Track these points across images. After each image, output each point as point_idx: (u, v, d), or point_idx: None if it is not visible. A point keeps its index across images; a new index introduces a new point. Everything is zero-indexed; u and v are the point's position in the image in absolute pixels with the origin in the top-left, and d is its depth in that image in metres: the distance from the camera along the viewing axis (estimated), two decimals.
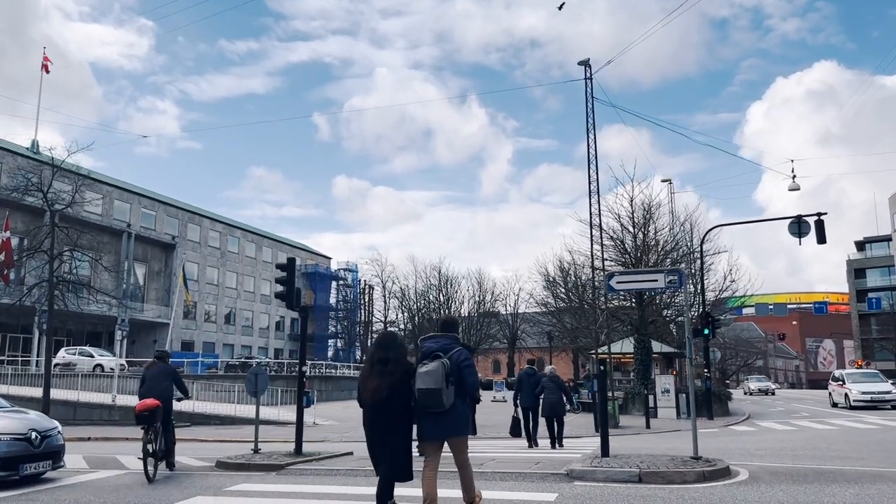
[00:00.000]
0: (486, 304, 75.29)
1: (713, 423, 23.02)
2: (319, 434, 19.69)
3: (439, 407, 6.23)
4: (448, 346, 6.51)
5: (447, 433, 6.45)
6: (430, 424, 6.35)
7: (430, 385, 6.19)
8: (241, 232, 71.93)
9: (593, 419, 20.52)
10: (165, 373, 11.33)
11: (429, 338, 6.79)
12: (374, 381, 6.32)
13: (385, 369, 6.33)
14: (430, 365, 6.26)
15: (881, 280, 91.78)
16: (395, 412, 6.27)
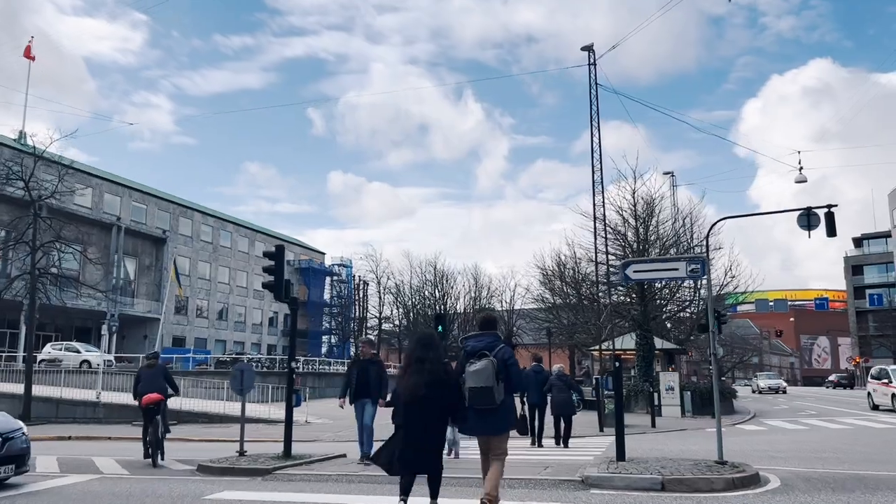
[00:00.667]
0: (481, 300, 74.47)
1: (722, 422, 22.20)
2: (311, 433, 18.81)
3: (491, 404, 6.37)
4: (493, 343, 6.63)
5: (496, 430, 6.58)
6: (479, 421, 6.49)
7: (482, 383, 6.32)
8: (233, 226, 70.89)
9: (597, 418, 19.71)
10: (159, 372, 12.92)
11: (472, 336, 6.94)
12: (411, 379, 6.44)
13: (423, 368, 6.43)
14: (479, 364, 6.38)
15: (879, 277, 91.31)
16: (432, 411, 6.37)
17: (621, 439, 9.57)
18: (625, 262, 9.82)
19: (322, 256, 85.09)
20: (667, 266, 9.20)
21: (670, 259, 9.43)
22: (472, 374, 6.37)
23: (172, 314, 60.67)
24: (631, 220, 28.87)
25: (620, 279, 9.67)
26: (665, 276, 9.89)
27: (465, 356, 6.62)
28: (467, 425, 6.64)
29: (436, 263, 73.40)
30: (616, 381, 9.86)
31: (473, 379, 6.36)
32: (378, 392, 10.87)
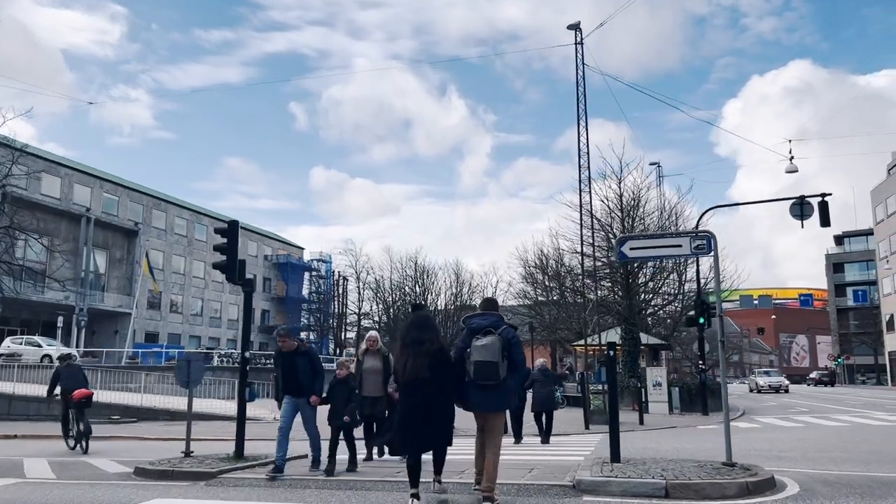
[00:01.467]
0: (462, 297, 73.31)
1: (709, 419, 21.23)
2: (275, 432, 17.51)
3: (495, 379, 6.45)
4: (497, 322, 6.72)
5: (497, 406, 6.70)
6: (481, 396, 6.56)
7: (488, 358, 6.41)
8: (209, 220, 69.07)
9: (583, 415, 18.65)
10: (77, 370, 14.67)
11: (476, 315, 6.99)
12: (411, 361, 6.42)
13: (421, 349, 6.44)
14: (486, 339, 6.47)
15: (860, 274, 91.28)
16: (437, 390, 6.38)
17: (616, 437, 8.45)
18: (621, 238, 8.69)
19: (301, 252, 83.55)
20: (668, 242, 8.08)
21: (672, 234, 8.32)
22: (479, 349, 6.45)
23: (145, 309, 59.02)
24: (617, 211, 27.85)
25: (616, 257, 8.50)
26: (666, 254, 8.77)
27: (469, 333, 6.69)
28: (468, 401, 6.66)
29: (416, 259, 72.22)
30: (610, 373, 8.74)
31: (480, 353, 6.44)
32: (311, 386, 9.11)
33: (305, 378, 8.90)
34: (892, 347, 65.84)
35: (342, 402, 9.26)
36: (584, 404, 18.45)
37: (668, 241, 8.24)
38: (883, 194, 66.18)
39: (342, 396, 9.31)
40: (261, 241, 76.56)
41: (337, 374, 9.65)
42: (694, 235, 8.10)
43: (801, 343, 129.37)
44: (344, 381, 9.49)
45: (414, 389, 6.43)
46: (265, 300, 76.10)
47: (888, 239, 64.73)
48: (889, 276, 64.31)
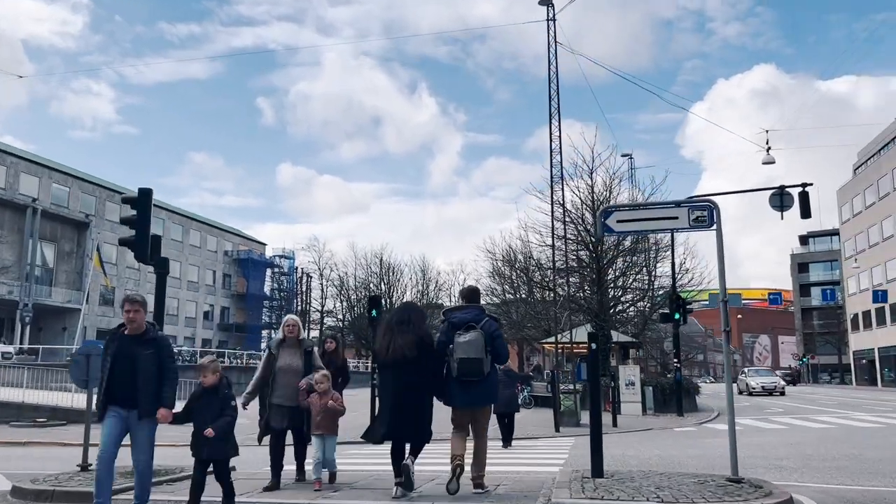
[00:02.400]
0: (429, 295, 71.87)
1: (685, 421, 20.07)
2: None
3: (479, 375, 6.33)
4: (479, 316, 6.56)
5: (483, 402, 6.59)
6: (465, 393, 6.41)
7: (473, 354, 6.25)
8: (166, 213, 66.54)
9: (552, 416, 17.26)
10: None
11: (457, 309, 6.81)
12: (397, 339, 6.24)
13: (407, 328, 6.30)
14: (470, 335, 6.28)
15: (824, 275, 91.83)
16: (417, 374, 6.23)
17: (598, 448, 7.01)
18: (606, 209, 7.30)
19: (263, 248, 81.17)
20: (662, 213, 6.70)
21: (667, 204, 6.92)
22: (463, 345, 6.27)
23: (97, 305, 56.57)
24: (588, 202, 26.60)
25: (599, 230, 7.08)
26: (659, 228, 7.38)
27: (450, 328, 6.49)
28: (452, 397, 6.50)
29: (382, 255, 70.62)
30: (592, 370, 7.33)
31: (464, 350, 6.26)
32: (157, 394, 5.94)
33: (147, 380, 5.81)
34: (857, 347, 65.90)
35: (210, 420, 6.14)
36: (554, 405, 17.07)
37: (661, 212, 6.86)
38: (849, 194, 66.22)
39: (209, 412, 6.19)
40: (221, 237, 74.19)
41: (202, 380, 6.37)
42: (692, 205, 6.74)
43: (764, 343, 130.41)
44: (213, 389, 6.29)
45: (397, 370, 6.25)
46: (225, 297, 73.79)
47: (854, 238, 64.76)
48: (855, 275, 64.30)
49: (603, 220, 6.86)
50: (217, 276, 72.74)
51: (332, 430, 7.51)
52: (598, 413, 7.20)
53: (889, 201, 56.88)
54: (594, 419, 7.05)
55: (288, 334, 7.62)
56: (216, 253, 72.72)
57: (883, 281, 58.14)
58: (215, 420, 6.16)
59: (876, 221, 59.80)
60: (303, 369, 7.43)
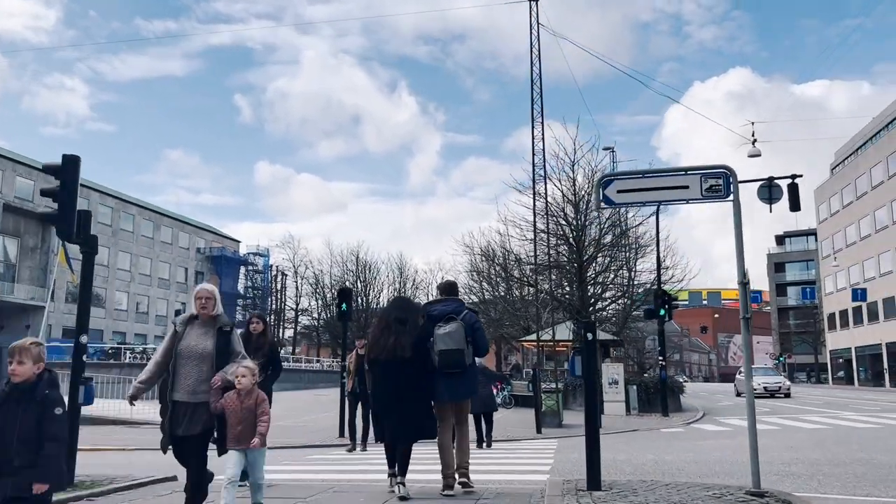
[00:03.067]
0: (406, 293, 70.74)
1: (671, 421, 19.23)
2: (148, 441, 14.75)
3: (461, 367, 6.34)
4: (459, 308, 6.56)
5: (466, 393, 6.63)
6: (448, 385, 6.38)
7: (453, 346, 6.23)
8: (136, 209, 64.87)
9: (534, 417, 16.32)
10: None
11: (437, 301, 6.81)
12: (392, 339, 6.14)
13: (404, 328, 6.18)
14: (450, 326, 6.26)
15: (800, 274, 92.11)
16: (417, 371, 6.15)
17: (595, 455, 6.06)
18: (605, 178, 6.37)
19: (236, 245, 79.51)
20: (670, 182, 5.76)
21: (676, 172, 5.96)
22: (444, 337, 6.24)
23: (64, 303, 54.84)
24: (570, 195, 25.72)
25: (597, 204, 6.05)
26: (666, 199, 6.33)
27: (430, 321, 6.42)
28: (438, 391, 6.41)
29: (358, 252, 69.35)
30: (587, 364, 6.38)
31: (444, 341, 6.23)
32: None
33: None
34: (834, 346, 65.90)
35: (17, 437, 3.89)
36: (535, 405, 16.12)
37: (669, 180, 5.91)
38: (826, 193, 66.19)
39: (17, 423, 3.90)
40: (193, 233, 72.53)
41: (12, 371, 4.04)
42: (705, 172, 5.80)
43: (738, 343, 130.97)
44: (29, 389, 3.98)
45: (392, 369, 6.13)
46: None
47: (831, 238, 64.73)
48: (832, 274, 64.28)
49: (601, 191, 5.92)
50: (189, 273, 71.07)
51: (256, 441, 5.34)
52: (595, 415, 6.28)
53: (867, 200, 56.83)
54: (590, 423, 6.12)
55: (200, 309, 5.61)
56: (188, 250, 71.07)
57: (860, 280, 58.09)
58: (26, 436, 3.86)
59: (853, 221, 59.77)
60: (213, 355, 5.40)
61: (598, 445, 6.22)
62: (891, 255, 52.98)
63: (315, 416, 20.32)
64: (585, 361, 6.47)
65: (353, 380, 12.11)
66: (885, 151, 53.27)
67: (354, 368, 12.06)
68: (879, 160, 54.59)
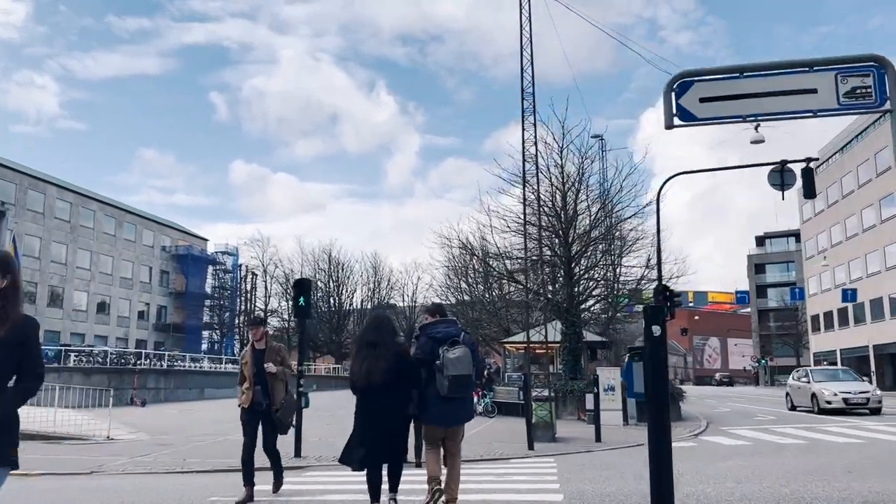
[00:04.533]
0: (381, 293, 68.45)
1: (676, 432, 16.98)
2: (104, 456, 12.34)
3: (468, 392, 6.38)
4: (460, 331, 6.49)
5: (467, 417, 6.53)
6: (448, 410, 6.24)
7: (463, 371, 6.10)
8: (97, 204, 61.68)
9: (525, 429, 14.04)
10: None
11: (440, 322, 6.58)
12: (366, 365, 6.08)
13: (376, 353, 6.10)
14: (459, 351, 6.15)
15: (780, 276, 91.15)
16: (393, 396, 6.03)
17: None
18: (682, 77, 4.09)
19: (204, 243, 76.38)
20: (788, 85, 3.58)
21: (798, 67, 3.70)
22: (454, 362, 6.06)
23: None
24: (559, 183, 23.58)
25: (669, 118, 3.83)
26: (781, 110, 3.96)
27: (433, 343, 6.28)
28: (436, 415, 6.29)
29: (330, 251, 66.85)
30: (654, 372, 4.13)
31: (455, 366, 6.05)
32: None
33: None
34: (818, 349, 64.55)
35: None
36: (527, 416, 13.83)
37: (786, 80, 3.70)
38: None
39: None
40: (159, 231, 69.44)
41: None
42: (845, 68, 3.59)
43: (714, 345, 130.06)
44: None
45: (369, 395, 6.05)
46: (162, 295, 69.04)
47: (815, 238, 63.45)
48: (816, 275, 62.98)
49: (674, 100, 3.71)
50: (154, 272, 68.03)
51: None
52: (666, 445, 3.99)
53: (853, 199, 55.52)
54: (659, 455, 3.80)
55: None
56: (153, 248, 68.00)
57: (846, 280, 56.72)
58: None
59: (839, 220, 58.47)
60: None
61: (670, 484, 3.93)
62: (878, 254, 51.65)
63: None
64: (652, 368, 4.20)
65: (250, 391, 7.75)
66: (874, 148, 51.84)
67: (250, 373, 7.78)
68: (867, 157, 53.23)
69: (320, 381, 57.15)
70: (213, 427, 17.54)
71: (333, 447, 13.64)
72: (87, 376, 24.19)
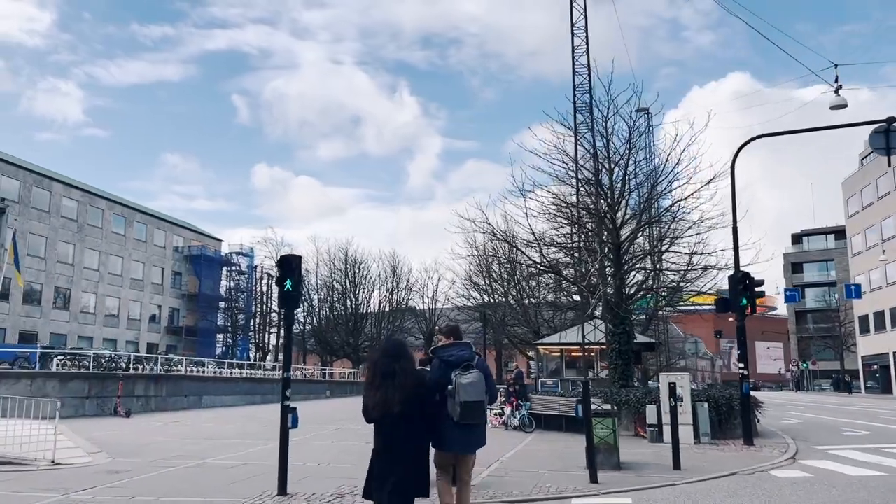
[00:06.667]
0: (399, 293, 65.27)
1: (765, 454, 13.62)
2: (26, 491, 9.29)
3: (482, 418, 6.17)
4: (473, 354, 6.36)
5: (480, 444, 6.34)
6: (465, 437, 6.11)
7: (476, 398, 5.96)
8: (106, 203, 59.13)
9: (579, 450, 10.73)
10: None
11: (452, 346, 6.42)
12: (381, 395, 5.68)
13: (393, 382, 5.69)
14: (472, 376, 6.02)
15: (819, 275, 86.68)
16: (411, 427, 5.68)
17: None
18: None
19: (218, 244, 73.70)
20: None
21: None
22: (468, 387, 5.90)
23: (20, 304, 49.15)
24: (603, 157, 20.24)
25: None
26: None
27: (445, 367, 6.11)
28: (448, 441, 6.07)
29: (347, 250, 63.78)
30: None
31: (468, 392, 5.89)
32: None
33: None
34: (867, 351, 60.28)
35: None
36: (588, 439, 10.50)
37: None
38: (857, 185, 60.80)
39: None
40: (171, 231, 66.84)
41: None
42: None
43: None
44: None
45: (385, 426, 5.65)
46: (174, 297, 66.44)
47: (863, 233, 59.30)
48: (865, 272, 58.84)
49: None
50: (166, 273, 65.43)
51: None
52: None
53: None
54: None
55: None
56: (164, 249, 65.42)
57: None
58: None
59: (890, 213, 54.37)
60: None
61: None
62: None
63: (251, 447, 14.66)
64: None
65: None
66: None
67: None
68: None
69: (334, 386, 54.07)
70: (194, 446, 14.41)
71: (335, 477, 10.46)
72: (64, 383, 21.21)
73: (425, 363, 6.93)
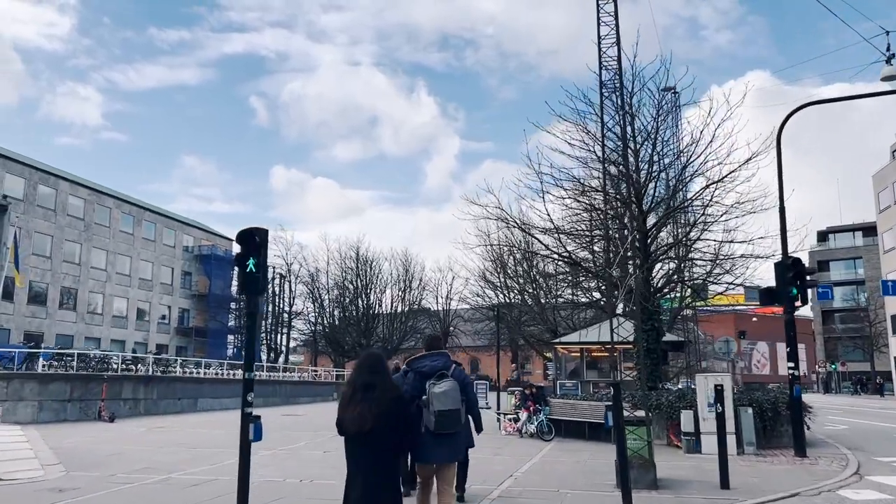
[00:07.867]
0: (412, 293, 63.57)
1: (821, 469, 11.73)
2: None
3: (457, 427, 6.02)
4: (448, 363, 6.28)
5: (458, 453, 6.33)
6: (440, 447, 5.97)
7: (450, 406, 5.92)
8: (113, 201, 57.92)
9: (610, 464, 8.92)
10: None
11: (426, 356, 6.36)
12: (356, 408, 5.41)
13: (370, 396, 5.43)
14: (445, 385, 5.98)
15: (846, 273, 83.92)
16: (384, 444, 5.38)
17: None
18: None
19: (229, 243, 72.29)
20: None
21: None
22: (440, 396, 5.87)
23: (25, 304, 47.99)
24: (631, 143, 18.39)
25: None
26: None
27: (419, 377, 6.09)
28: (425, 452, 5.96)
29: (358, 248, 62.15)
30: None
31: (441, 401, 5.87)
32: None
33: None
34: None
35: None
36: (620, 455, 8.68)
37: None
38: (888, 178, 58.32)
39: None
40: (180, 230, 65.61)
41: None
42: None
43: (762, 350, 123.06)
44: None
45: (358, 443, 5.38)
46: (184, 297, 65.21)
47: (895, 229, 56.80)
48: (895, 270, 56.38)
49: None
50: (175, 273, 64.20)
51: None
52: None
53: None
54: None
55: None
56: (174, 248, 64.22)
57: None
58: None
59: None
60: None
61: None
62: None
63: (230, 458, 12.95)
64: None
65: None
66: None
67: None
68: None
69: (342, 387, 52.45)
70: (167, 456, 12.73)
71: (314, 498, 8.74)
72: (44, 385, 19.67)
73: (394, 372, 6.56)
